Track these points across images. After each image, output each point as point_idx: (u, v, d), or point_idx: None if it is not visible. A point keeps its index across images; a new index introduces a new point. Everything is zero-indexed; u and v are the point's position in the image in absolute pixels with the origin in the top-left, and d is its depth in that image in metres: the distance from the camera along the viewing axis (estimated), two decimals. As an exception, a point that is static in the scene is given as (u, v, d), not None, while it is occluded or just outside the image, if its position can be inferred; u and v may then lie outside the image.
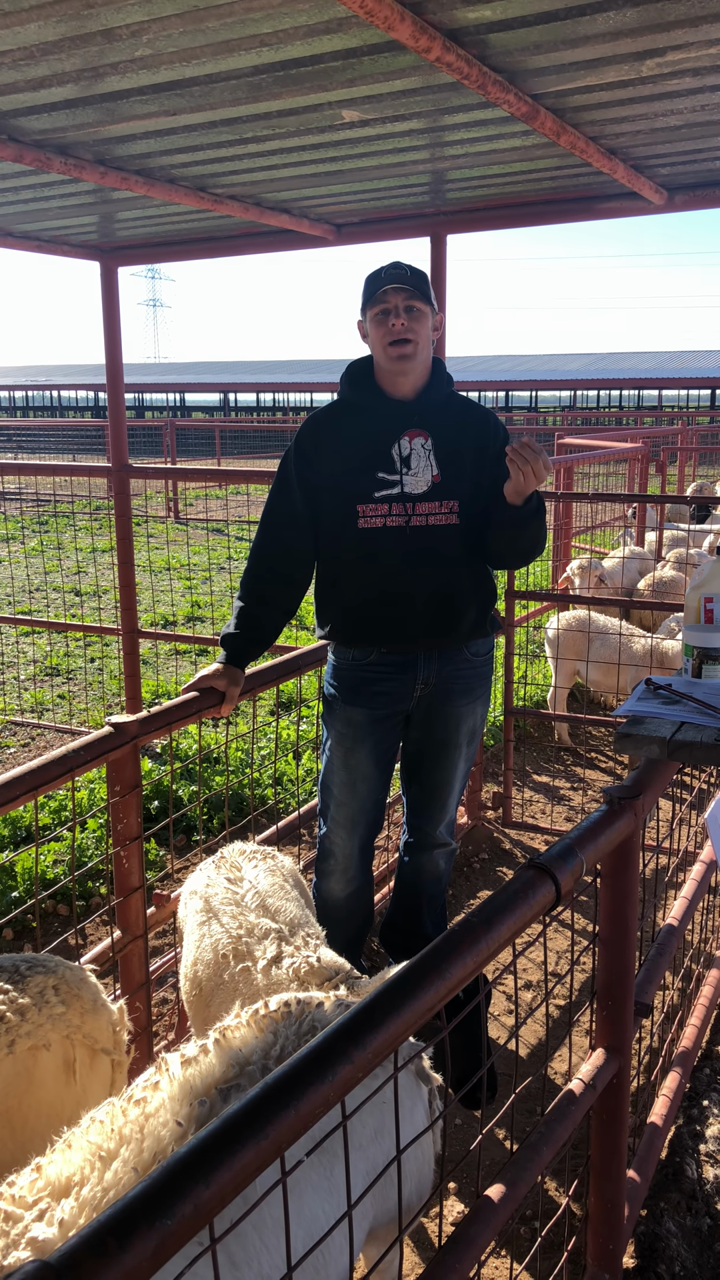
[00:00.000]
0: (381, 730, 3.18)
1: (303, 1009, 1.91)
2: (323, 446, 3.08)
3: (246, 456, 30.17)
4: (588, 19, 2.46)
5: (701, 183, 4.13)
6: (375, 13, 2.22)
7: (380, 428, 3.04)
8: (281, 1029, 1.85)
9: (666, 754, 2.20)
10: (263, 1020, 1.87)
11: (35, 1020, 2.00)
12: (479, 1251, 1.57)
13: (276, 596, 3.16)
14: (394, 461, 3.01)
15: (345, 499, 3.02)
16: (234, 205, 4.30)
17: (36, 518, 17.22)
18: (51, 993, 2.07)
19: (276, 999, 1.94)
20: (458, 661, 3.15)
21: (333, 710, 3.22)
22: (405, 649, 3.10)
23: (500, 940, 1.43)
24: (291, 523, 3.12)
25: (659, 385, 44.22)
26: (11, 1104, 1.94)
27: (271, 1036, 1.82)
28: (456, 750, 3.24)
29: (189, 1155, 0.96)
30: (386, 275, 2.96)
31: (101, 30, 2.52)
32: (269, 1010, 1.90)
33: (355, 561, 3.07)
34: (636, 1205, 2.49)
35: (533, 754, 6.12)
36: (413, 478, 3.01)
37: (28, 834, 4.80)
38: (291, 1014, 1.90)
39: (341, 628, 3.14)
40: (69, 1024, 2.07)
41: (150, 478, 6.59)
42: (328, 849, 3.33)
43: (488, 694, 3.31)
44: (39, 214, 4.60)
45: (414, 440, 3.03)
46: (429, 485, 3.02)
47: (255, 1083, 1.68)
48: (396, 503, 3.00)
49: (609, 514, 11.52)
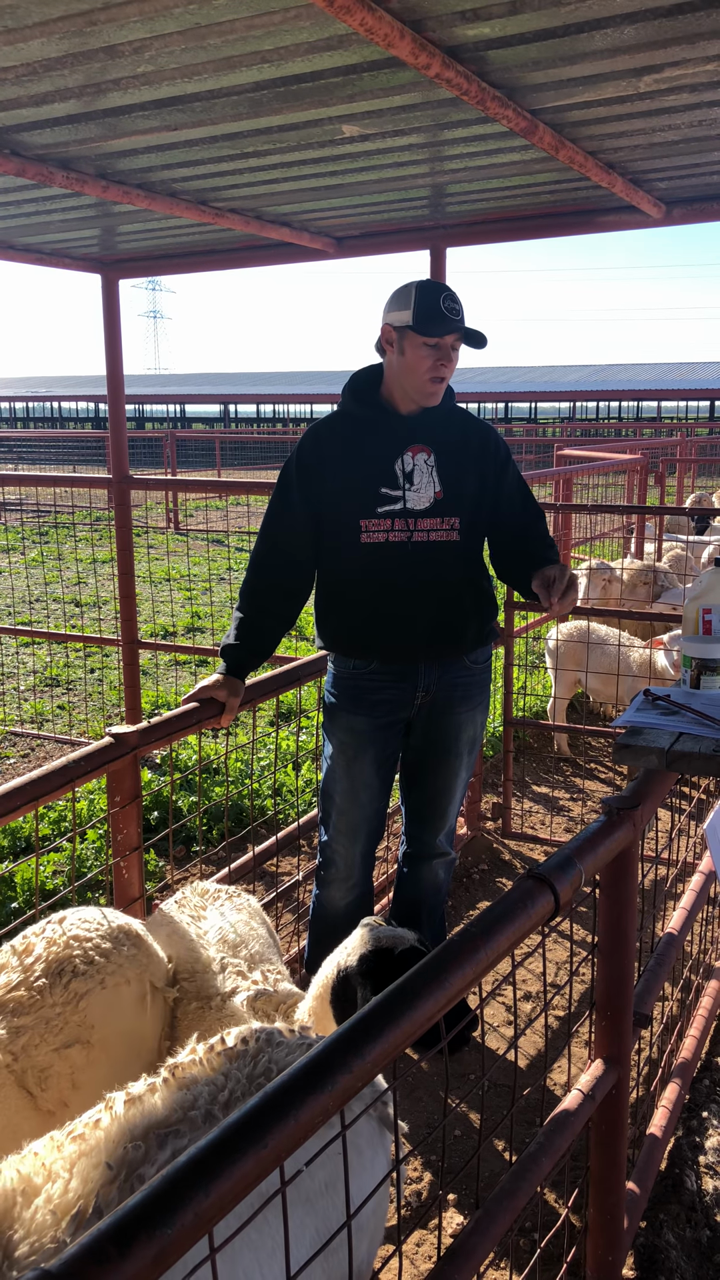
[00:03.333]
0: (383, 738, 3.19)
1: (260, 1047, 1.85)
2: (325, 459, 3.07)
3: (246, 468, 30.24)
4: (586, 36, 2.48)
5: (699, 196, 4.16)
6: (375, 30, 2.24)
7: (383, 443, 3.04)
8: (234, 1070, 1.78)
9: (665, 764, 2.21)
10: (216, 1058, 1.81)
11: (117, 960, 2.32)
12: (478, 1263, 1.58)
13: (276, 607, 3.16)
14: (397, 477, 3.01)
15: (348, 514, 3.02)
16: (235, 219, 4.32)
17: (37, 528, 17.24)
18: (124, 937, 2.39)
19: (235, 1033, 1.89)
20: (457, 670, 3.16)
21: (334, 719, 3.23)
22: (405, 661, 3.11)
23: (499, 951, 1.43)
24: (291, 534, 3.11)
25: (658, 396, 44.35)
26: (105, 1031, 2.25)
27: (223, 1078, 1.76)
28: (457, 759, 3.25)
29: (189, 1164, 0.97)
30: (449, 312, 2.88)
31: (104, 47, 2.54)
32: (225, 1046, 1.85)
33: (357, 576, 3.07)
34: (636, 1217, 2.49)
35: (532, 765, 6.13)
36: (415, 493, 3.01)
37: (27, 844, 4.80)
38: (248, 1052, 1.83)
39: (341, 639, 3.15)
40: (139, 964, 2.37)
41: (150, 489, 6.61)
42: (330, 857, 3.33)
43: (487, 701, 3.32)
44: (41, 227, 4.63)
45: (416, 456, 3.03)
46: (431, 501, 3.02)
47: (197, 1129, 1.63)
48: (399, 518, 3.00)
49: (608, 525, 11.54)
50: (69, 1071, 2.18)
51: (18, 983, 2.24)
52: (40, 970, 2.25)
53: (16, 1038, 2.17)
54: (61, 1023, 2.20)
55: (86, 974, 2.26)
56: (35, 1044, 2.17)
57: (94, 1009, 2.24)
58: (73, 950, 2.30)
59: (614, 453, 11.87)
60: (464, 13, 2.34)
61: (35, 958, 2.28)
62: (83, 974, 2.26)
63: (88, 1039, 2.22)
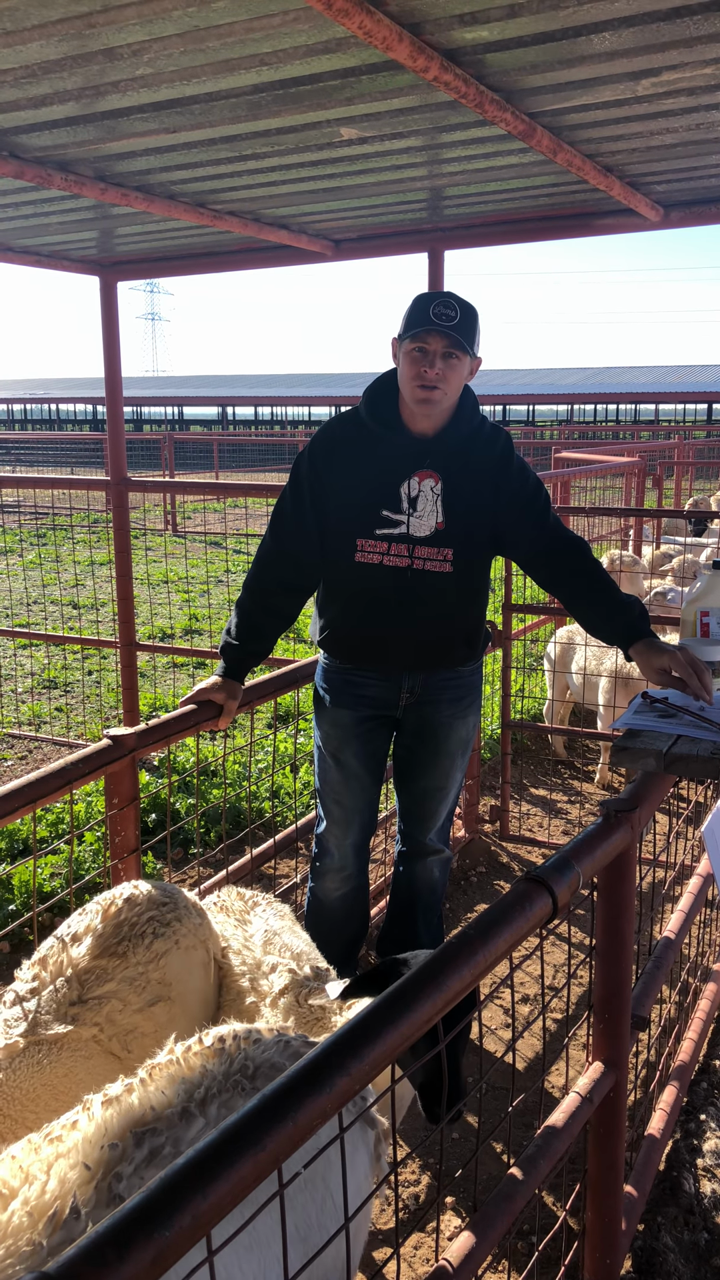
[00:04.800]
0: (367, 731, 3.20)
1: (238, 1044, 1.86)
2: (335, 464, 3.02)
3: (245, 470, 30.24)
4: (584, 39, 2.48)
5: (697, 200, 4.16)
6: (374, 33, 2.25)
7: (392, 462, 2.96)
8: (212, 1067, 1.79)
9: (663, 767, 2.21)
10: (193, 1058, 1.82)
11: (189, 925, 2.48)
12: (476, 1265, 1.57)
13: (280, 604, 3.15)
14: (401, 501, 2.96)
15: (346, 529, 2.99)
16: (233, 221, 4.32)
17: (35, 530, 17.23)
18: (191, 907, 2.54)
19: (213, 1033, 1.90)
20: (445, 675, 3.16)
21: (321, 711, 3.25)
22: (389, 673, 3.13)
23: (497, 953, 1.43)
24: (299, 531, 3.08)
25: (656, 400, 44.40)
26: (180, 989, 2.40)
27: (199, 1075, 1.77)
28: (448, 759, 3.25)
29: (187, 1167, 0.97)
30: (435, 314, 2.77)
31: (103, 49, 2.55)
32: (202, 1046, 1.86)
33: (349, 590, 3.07)
34: (634, 1219, 2.49)
35: (530, 767, 6.12)
36: (418, 520, 2.96)
37: (25, 847, 4.79)
38: (225, 1050, 1.84)
39: (329, 641, 3.17)
40: (205, 933, 2.54)
41: (149, 491, 6.60)
42: (325, 845, 3.36)
43: (479, 703, 3.32)
44: (39, 229, 4.63)
45: (424, 482, 2.95)
46: (432, 530, 2.96)
47: (174, 1126, 1.64)
48: (399, 543, 2.96)
49: (606, 528, 11.55)
50: (154, 1030, 2.30)
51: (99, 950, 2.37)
52: (124, 933, 2.40)
53: (101, 1007, 2.29)
54: (144, 981, 2.34)
55: (165, 935, 2.42)
56: (119, 1009, 2.30)
57: (172, 967, 2.39)
58: (151, 913, 2.45)
59: (612, 455, 11.88)
60: (462, 16, 2.34)
61: (115, 923, 2.42)
62: (162, 935, 2.42)
63: (169, 995, 2.37)
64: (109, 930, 2.39)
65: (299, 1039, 1.93)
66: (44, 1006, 2.27)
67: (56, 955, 2.36)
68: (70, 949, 2.37)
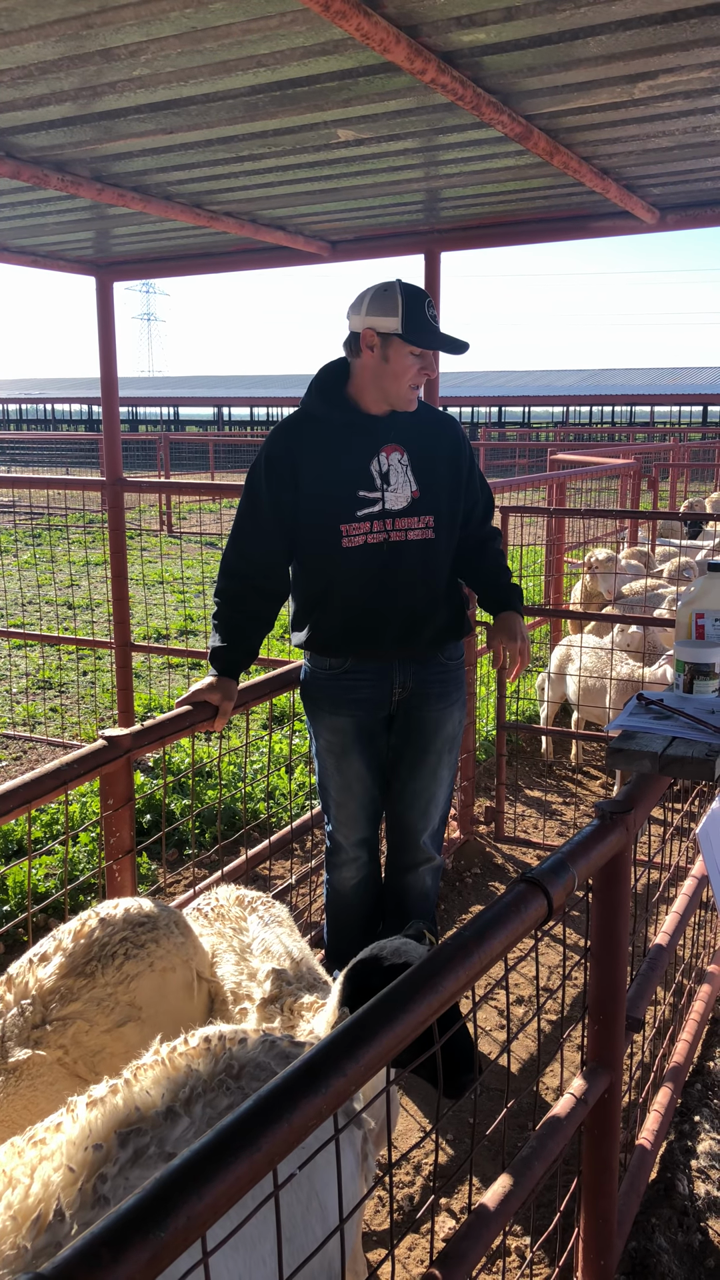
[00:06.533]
0: (368, 734, 3.23)
1: (224, 1045, 1.85)
2: (299, 463, 3.03)
3: (240, 470, 30.14)
4: (581, 42, 2.49)
5: (693, 202, 4.17)
6: (371, 35, 2.25)
7: (358, 445, 3.02)
8: (197, 1067, 1.78)
9: (658, 769, 2.21)
10: (179, 1058, 1.81)
11: (166, 947, 2.41)
12: (470, 1267, 1.57)
13: (257, 609, 3.17)
14: (374, 478, 3.01)
15: (328, 517, 3.01)
16: (229, 222, 4.32)
17: (30, 531, 17.21)
18: (174, 927, 2.47)
19: (198, 1034, 1.89)
20: (432, 667, 3.21)
21: (318, 719, 3.26)
22: (378, 659, 3.14)
23: (492, 954, 1.43)
24: (262, 537, 3.10)
25: (651, 401, 44.40)
26: (152, 1011, 2.33)
27: (184, 1075, 1.76)
28: (435, 757, 3.27)
29: (182, 1168, 0.97)
30: (434, 320, 2.94)
31: (100, 50, 2.55)
32: (187, 1047, 1.85)
33: (337, 578, 3.07)
34: (628, 1221, 2.49)
35: (525, 768, 6.13)
36: (393, 494, 3.02)
37: (19, 847, 4.79)
38: (211, 1050, 1.84)
39: (317, 638, 3.17)
40: (187, 953, 2.47)
41: (144, 491, 6.59)
42: (336, 843, 3.39)
43: (464, 698, 3.34)
44: (36, 229, 4.63)
45: (391, 455, 3.03)
46: (408, 501, 3.04)
47: (158, 1126, 1.63)
48: (378, 519, 3.01)
49: (601, 530, 11.56)
50: (124, 1051, 2.22)
51: (66, 970, 2.30)
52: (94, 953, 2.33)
53: (65, 1029, 2.22)
54: (113, 1003, 2.27)
55: (138, 957, 2.35)
56: (86, 1030, 2.23)
57: (144, 988, 2.33)
58: (124, 933, 2.38)
59: (607, 457, 11.87)
60: (459, 18, 2.35)
61: (86, 942, 2.35)
62: (134, 956, 2.34)
63: (139, 1017, 2.30)
64: (79, 950, 2.33)
65: (285, 1039, 1.93)
66: (7, 1031, 2.18)
67: (22, 976, 2.30)
68: (37, 969, 2.31)
